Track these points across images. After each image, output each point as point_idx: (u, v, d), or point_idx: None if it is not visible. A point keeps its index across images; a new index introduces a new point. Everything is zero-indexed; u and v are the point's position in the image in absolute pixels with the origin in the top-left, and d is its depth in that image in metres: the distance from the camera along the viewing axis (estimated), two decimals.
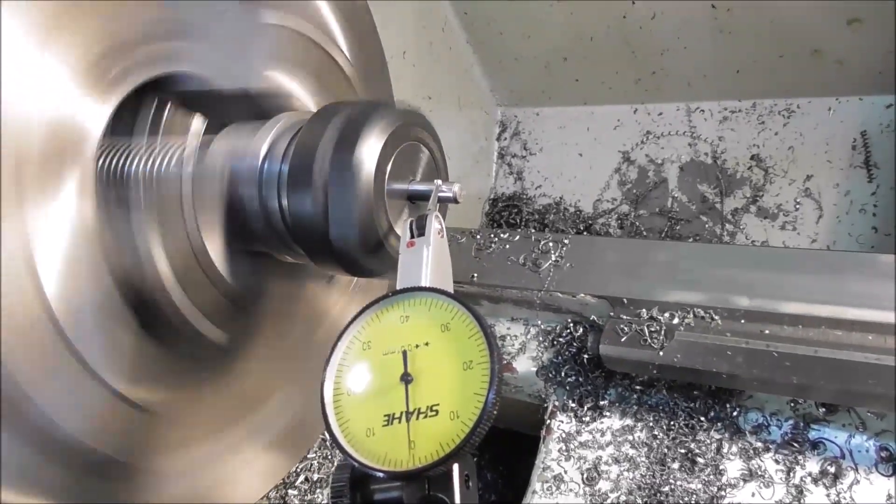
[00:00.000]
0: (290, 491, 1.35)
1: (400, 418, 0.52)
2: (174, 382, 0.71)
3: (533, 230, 1.78)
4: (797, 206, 1.69)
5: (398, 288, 0.59)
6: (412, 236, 0.62)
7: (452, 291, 0.57)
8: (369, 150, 0.63)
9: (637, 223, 1.86)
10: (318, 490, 1.39)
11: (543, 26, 1.82)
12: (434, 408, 0.51)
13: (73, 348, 0.59)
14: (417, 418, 0.51)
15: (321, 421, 0.72)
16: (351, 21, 0.91)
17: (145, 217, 0.64)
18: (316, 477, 1.39)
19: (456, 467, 0.50)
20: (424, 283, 0.58)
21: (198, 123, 0.69)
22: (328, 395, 0.55)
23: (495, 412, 0.48)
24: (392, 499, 0.51)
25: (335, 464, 0.53)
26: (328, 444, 1.42)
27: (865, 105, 1.66)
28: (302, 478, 1.37)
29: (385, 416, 0.52)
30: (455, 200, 0.65)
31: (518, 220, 1.97)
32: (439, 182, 0.65)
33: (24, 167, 0.56)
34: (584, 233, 1.87)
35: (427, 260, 0.59)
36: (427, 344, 0.54)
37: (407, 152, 0.67)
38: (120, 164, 0.66)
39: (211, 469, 0.85)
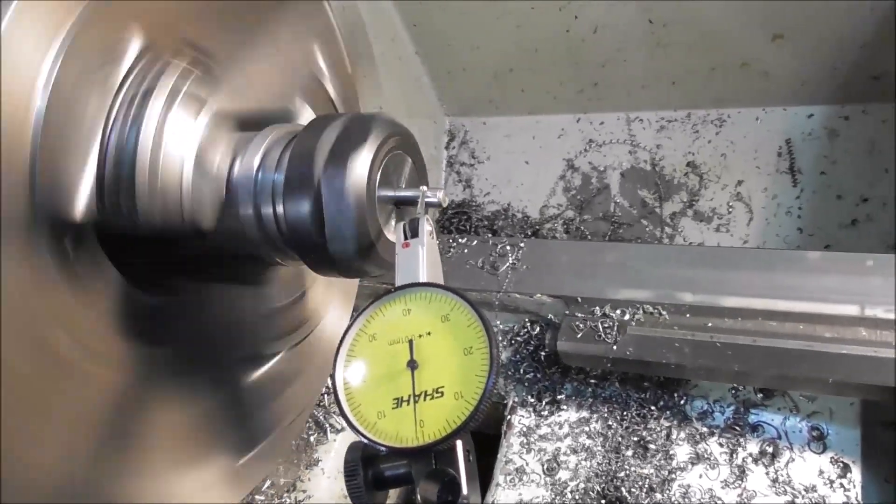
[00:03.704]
0: (256, 497, 1.37)
1: (408, 401, 0.57)
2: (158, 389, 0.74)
3: (490, 236, 1.84)
4: (730, 210, 1.80)
5: (397, 285, 0.64)
6: (405, 238, 0.67)
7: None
8: (361, 159, 0.68)
9: (582, 227, 1.94)
10: (284, 494, 1.41)
11: (491, 38, 1.89)
12: (439, 390, 0.57)
13: None
14: (424, 400, 0.57)
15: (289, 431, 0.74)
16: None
17: (148, 225, 0.67)
18: (282, 481, 1.42)
19: (459, 443, 0.56)
20: (422, 279, 0.64)
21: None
22: (339, 383, 0.59)
23: (496, 391, 0.54)
24: (401, 474, 0.57)
25: (347, 447, 0.57)
26: (293, 447, 1.45)
27: (789, 115, 1.79)
28: (268, 483, 1.39)
29: (394, 399, 0.58)
30: (440, 205, 0.70)
31: (468, 227, 2.03)
32: (425, 188, 0.71)
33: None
34: (533, 237, 1.94)
35: (423, 258, 0.64)
36: (429, 333, 0.60)
37: (393, 161, 0.73)
38: (120, 173, 0.68)
39: (183, 481, 0.86)
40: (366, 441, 0.56)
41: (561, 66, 1.90)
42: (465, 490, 0.53)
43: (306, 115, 0.86)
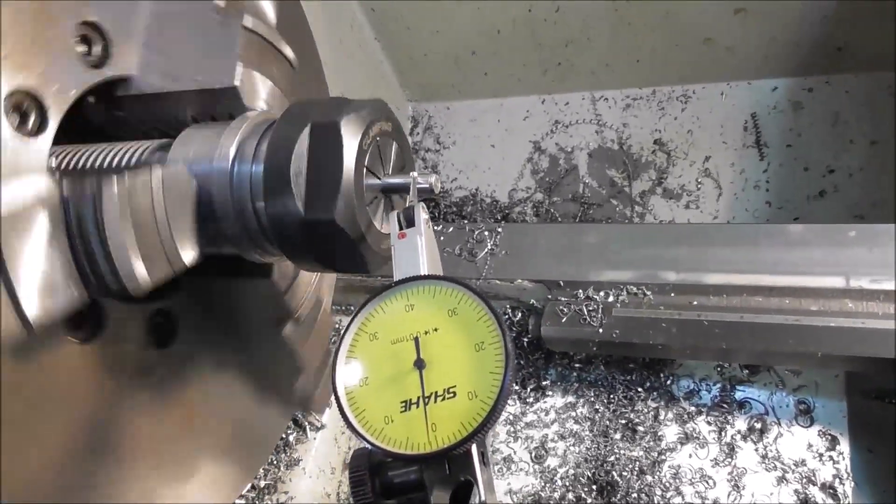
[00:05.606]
0: (237, 501, 1.32)
1: (417, 403, 0.53)
2: (137, 397, 0.69)
3: (466, 222, 1.80)
4: (699, 186, 1.80)
5: (396, 278, 0.60)
6: (401, 228, 0.63)
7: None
8: (346, 146, 0.63)
9: (552, 210, 1.92)
10: (266, 497, 1.37)
11: (451, 21, 1.85)
12: (451, 390, 0.53)
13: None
14: (435, 401, 0.53)
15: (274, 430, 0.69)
16: (289, 19, 0.91)
17: (117, 224, 0.62)
18: (263, 484, 1.37)
19: (474, 446, 0.52)
20: (423, 271, 0.60)
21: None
22: (340, 388, 0.55)
23: (513, 388, 0.51)
24: (412, 481, 0.53)
25: (351, 453, 0.53)
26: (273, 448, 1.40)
27: (754, 88, 1.79)
28: (248, 485, 1.34)
29: (402, 402, 0.54)
30: (432, 192, 0.66)
31: (436, 214, 2.00)
32: (415, 174, 0.67)
33: None
34: (503, 222, 1.91)
35: (422, 249, 0.60)
36: (436, 330, 0.56)
37: (379, 146, 0.68)
38: (80, 172, 0.63)
39: (169, 490, 0.82)
40: (375, 449, 0.52)
41: (524, 47, 1.87)
42: (482, 496, 0.50)
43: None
